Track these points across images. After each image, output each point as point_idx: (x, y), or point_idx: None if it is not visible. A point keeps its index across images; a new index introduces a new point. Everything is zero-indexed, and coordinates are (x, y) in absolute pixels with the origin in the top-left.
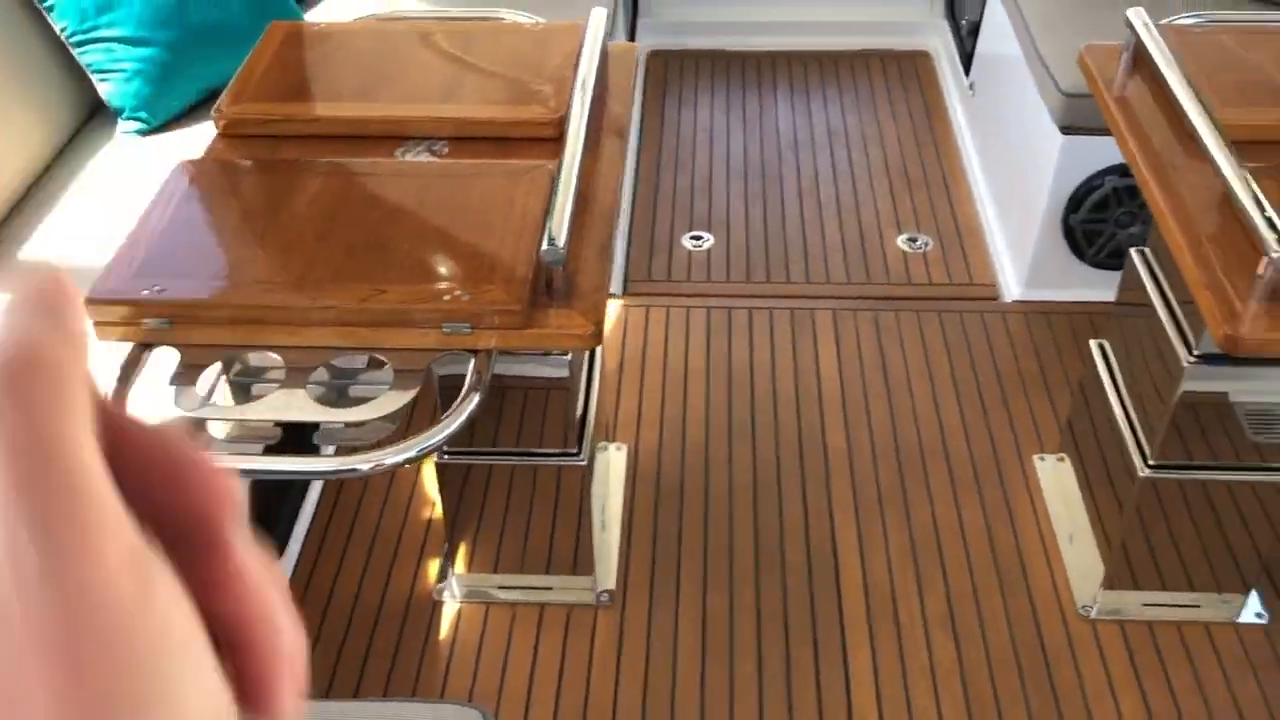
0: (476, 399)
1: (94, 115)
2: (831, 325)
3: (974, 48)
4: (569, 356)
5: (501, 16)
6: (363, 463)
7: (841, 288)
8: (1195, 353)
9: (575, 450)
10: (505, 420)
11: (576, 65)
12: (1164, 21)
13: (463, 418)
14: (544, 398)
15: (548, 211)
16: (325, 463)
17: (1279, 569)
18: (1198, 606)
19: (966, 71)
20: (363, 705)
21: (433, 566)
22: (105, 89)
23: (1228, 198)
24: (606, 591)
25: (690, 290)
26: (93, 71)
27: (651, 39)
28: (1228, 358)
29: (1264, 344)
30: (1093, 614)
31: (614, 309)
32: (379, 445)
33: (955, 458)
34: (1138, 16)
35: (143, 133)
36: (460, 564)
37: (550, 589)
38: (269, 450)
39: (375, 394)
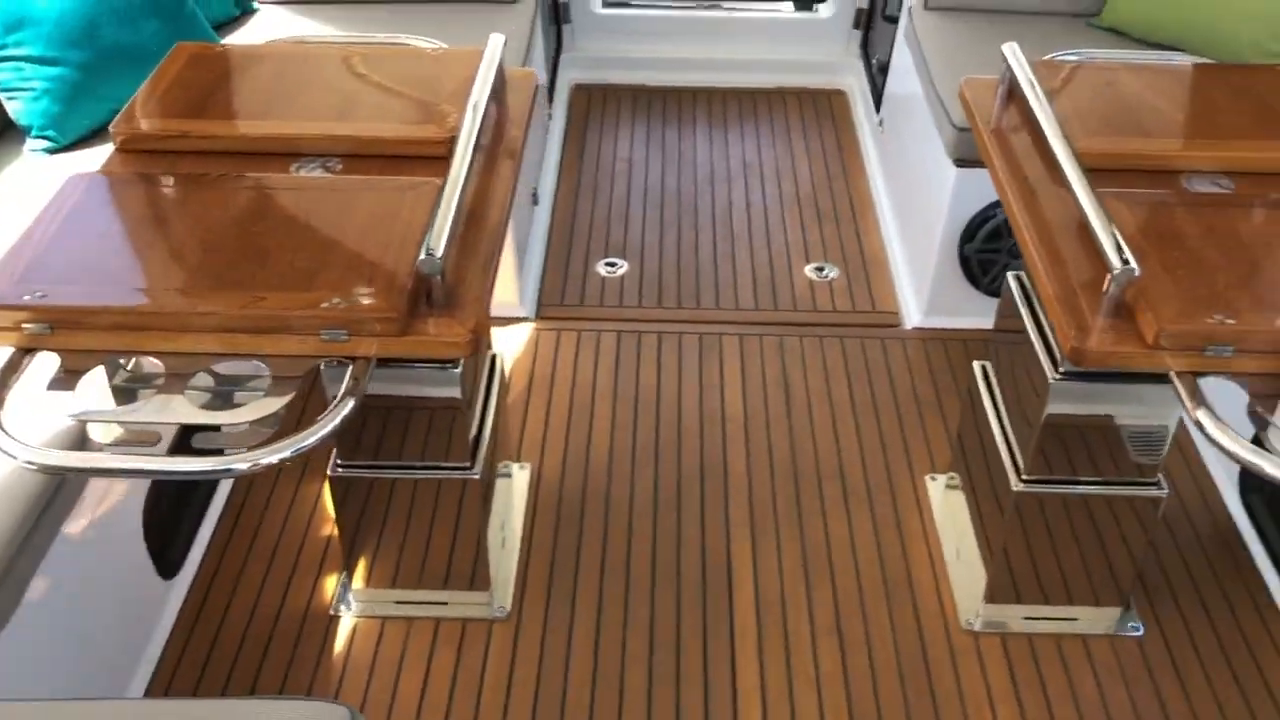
0: (351, 404)
1: (1, 134)
2: (738, 350)
3: (884, 86)
4: (459, 371)
5: (406, 42)
6: (240, 462)
7: (749, 314)
8: (1060, 370)
9: (469, 465)
10: (408, 436)
11: (471, 88)
12: (1047, 57)
13: (336, 421)
14: (442, 416)
15: (430, 224)
16: (200, 463)
17: (1153, 582)
18: (1076, 620)
19: (877, 108)
20: (233, 704)
21: (331, 581)
22: (14, 107)
23: (1085, 222)
24: (502, 607)
25: (602, 314)
26: (1, 90)
27: (575, 73)
28: (1090, 375)
29: (1107, 356)
30: (975, 626)
31: (526, 331)
32: (256, 447)
33: (850, 477)
34: (1011, 52)
35: (51, 151)
36: (359, 579)
37: (446, 604)
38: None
39: (256, 399)
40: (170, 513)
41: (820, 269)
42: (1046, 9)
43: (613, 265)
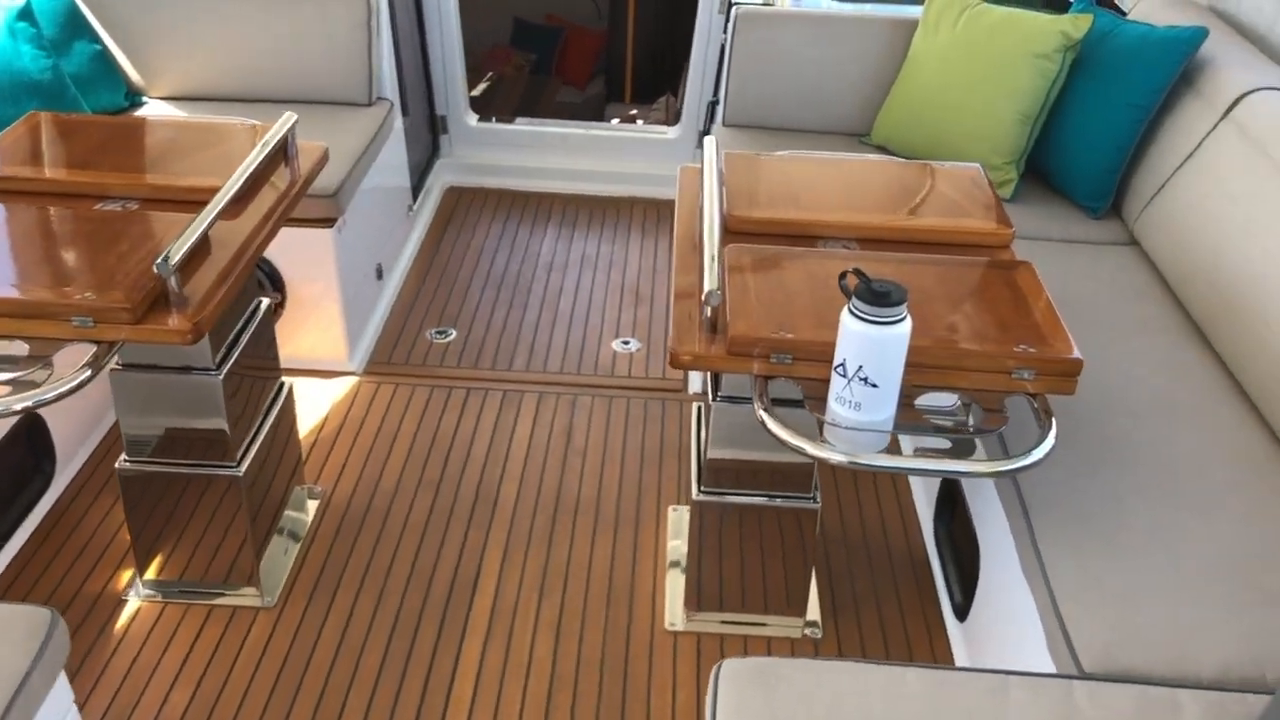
0: (88, 373)
1: None
2: (535, 404)
3: None
4: (219, 380)
5: (241, 120)
6: None
7: (554, 376)
8: (720, 394)
9: (234, 465)
10: (181, 437)
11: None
12: (755, 152)
13: (73, 384)
14: (210, 420)
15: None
16: None
17: (843, 595)
18: (765, 625)
19: None
20: None
21: (127, 574)
22: None
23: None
24: (270, 599)
25: (423, 373)
26: None
27: (450, 176)
28: (742, 398)
29: (697, 360)
30: (677, 628)
31: (349, 383)
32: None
33: (604, 510)
34: (709, 144)
35: None
36: (151, 571)
37: (222, 594)
38: None
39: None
40: None
41: (625, 342)
42: (829, 129)
43: (443, 333)
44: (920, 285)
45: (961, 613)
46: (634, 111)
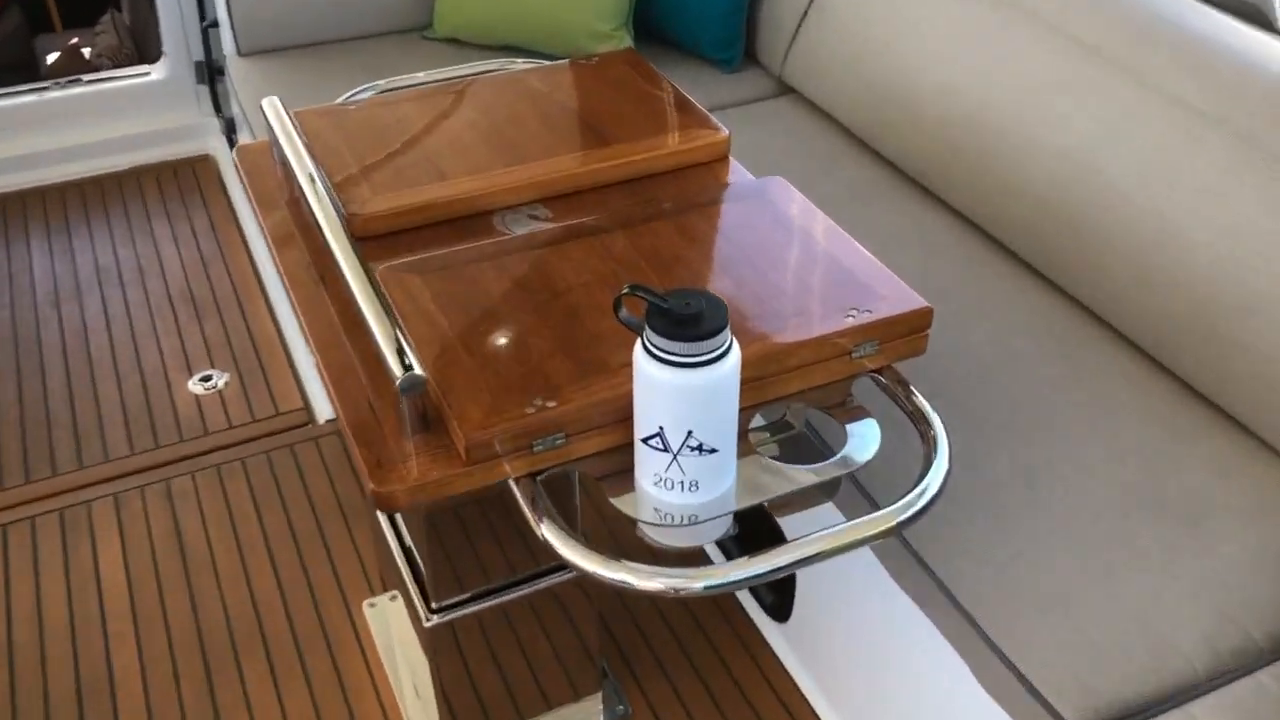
0: None
1: None
2: (113, 517)
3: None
4: None
5: None
6: None
7: (124, 463)
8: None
9: None
10: None
11: None
12: (343, 98)
13: None
14: None
15: None
16: None
17: (642, 661)
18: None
19: None
20: None
21: None
22: None
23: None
24: None
25: None
26: None
27: None
28: None
29: (417, 492)
30: None
31: None
32: None
33: (274, 639)
34: (272, 108)
35: None
36: None
37: None
38: None
39: None
40: None
41: (207, 379)
42: (375, 29)
43: None
44: (675, 252)
45: (779, 613)
46: (74, 41)
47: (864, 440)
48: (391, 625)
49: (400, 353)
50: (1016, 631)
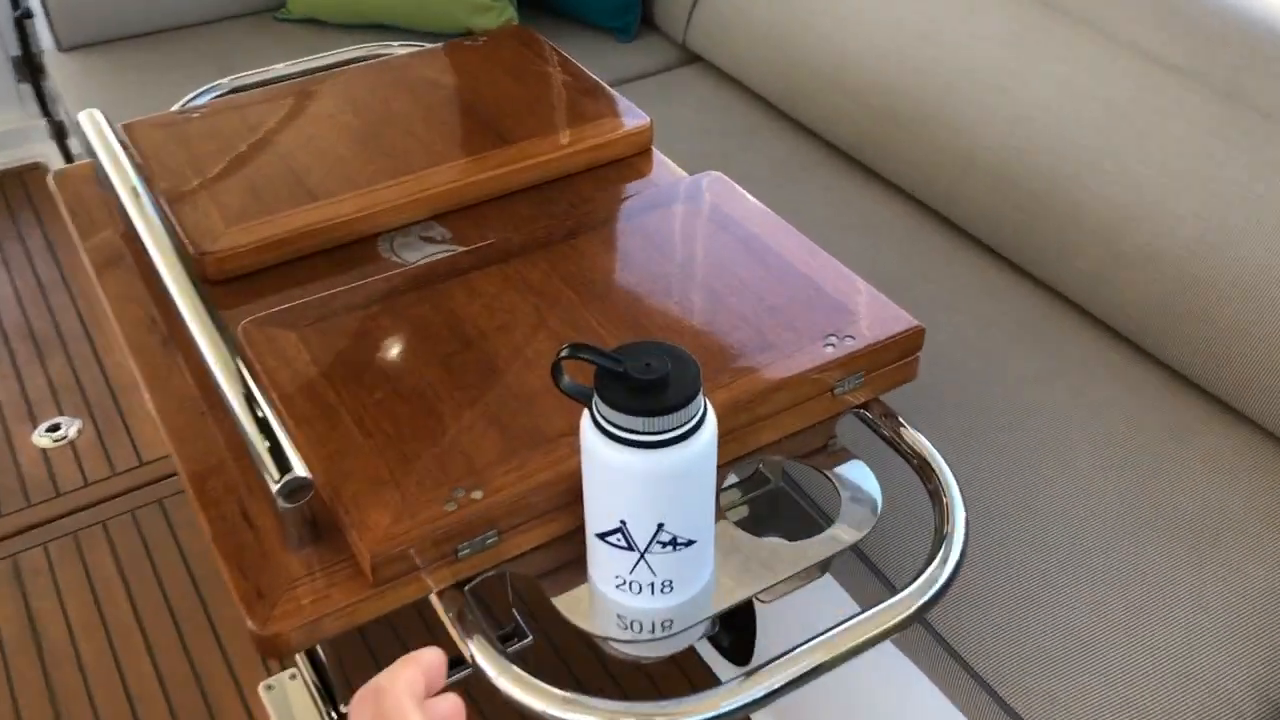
0: None
1: None
2: None
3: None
4: None
5: None
6: None
7: None
8: None
9: None
10: None
11: None
12: (180, 104)
13: None
14: None
15: None
16: None
17: None
18: None
19: None
20: None
21: None
22: None
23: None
24: None
25: None
26: None
27: None
28: None
29: (313, 633)
30: None
31: None
32: None
33: None
34: (91, 122)
35: None
36: None
37: None
38: None
39: None
40: None
41: (55, 428)
42: (219, 13)
43: None
44: (606, 277)
45: (738, 655)
46: None
47: (858, 495)
48: (294, 709)
49: (274, 450)
50: (1037, 693)
